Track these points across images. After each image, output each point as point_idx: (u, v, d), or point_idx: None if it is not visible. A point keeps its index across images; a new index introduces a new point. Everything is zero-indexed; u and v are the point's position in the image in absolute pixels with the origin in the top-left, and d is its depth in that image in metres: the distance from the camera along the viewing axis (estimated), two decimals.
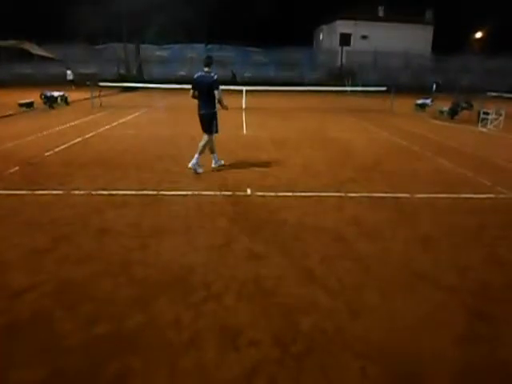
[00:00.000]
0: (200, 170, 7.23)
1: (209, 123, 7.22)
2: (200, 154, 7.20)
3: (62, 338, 2.86)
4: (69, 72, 28.93)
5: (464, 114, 16.25)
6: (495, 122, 14.01)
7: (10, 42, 35.18)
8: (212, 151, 7.55)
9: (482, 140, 11.95)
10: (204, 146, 7.27)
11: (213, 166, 7.59)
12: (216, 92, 6.99)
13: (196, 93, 7.18)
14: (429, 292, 3.56)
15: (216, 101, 7.12)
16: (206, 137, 7.28)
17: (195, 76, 7.16)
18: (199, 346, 2.80)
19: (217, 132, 7.44)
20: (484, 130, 13.78)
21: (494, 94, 21.56)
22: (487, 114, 14.34)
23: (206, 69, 7.05)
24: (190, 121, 14.53)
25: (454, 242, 4.65)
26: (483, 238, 4.77)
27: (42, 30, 34.87)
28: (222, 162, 7.75)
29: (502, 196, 6.39)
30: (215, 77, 6.98)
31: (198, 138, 10.67)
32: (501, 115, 14.05)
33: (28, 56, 36.40)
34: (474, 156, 9.42)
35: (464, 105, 16.60)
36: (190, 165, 7.11)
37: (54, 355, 2.70)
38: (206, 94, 7.07)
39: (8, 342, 2.83)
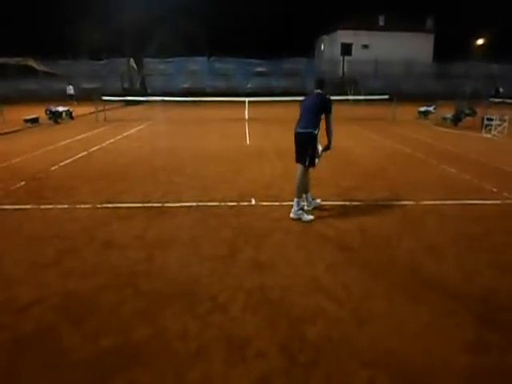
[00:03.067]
0: (308, 217, 5.49)
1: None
2: (298, 197, 5.59)
3: (69, 351, 2.85)
4: (70, 87, 29.10)
5: (467, 120, 16.23)
6: (499, 128, 13.97)
7: (15, 59, 35.75)
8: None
9: (487, 146, 11.92)
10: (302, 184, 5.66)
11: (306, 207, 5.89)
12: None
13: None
14: (436, 299, 3.53)
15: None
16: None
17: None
18: (206, 358, 2.78)
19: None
20: (488, 136, 13.75)
21: (497, 99, 21.53)
22: (491, 120, 14.31)
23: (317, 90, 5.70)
24: (192, 133, 14.63)
25: (461, 248, 4.62)
26: (490, 245, 4.73)
27: (46, 46, 35.35)
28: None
29: (508, 202, 6.35)
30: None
31: (200, 151, 10.76)
32: (505, 121, 14.01)
33: (33, 72, 36.94)
34: (478, 162, 9.39)
35: (467, 111, 16.57)
36: (292, 215, 5.55)
37: (60, 369, 2.69)
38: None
39: (14, 356, 2.82)
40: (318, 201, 6.10)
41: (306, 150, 5.50)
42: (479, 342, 2.96)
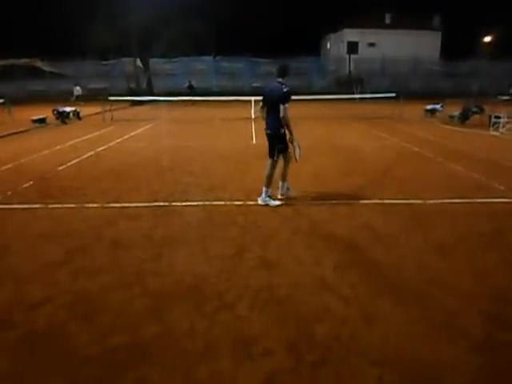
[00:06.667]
0: (274, 203, 6.07)
1: (272, 146, 6.06)
2: (266, 186, 6.07)
3: (79, 349, 2.88)
4: (77, 88, 29.32)
5: (475, 118, 16.11)
6: (507, 126, 13.84)
7: (23, 60, 36.08)
8: (282, 178, 6.29)
9: (494, 144, 11.82)
10: (268, 175, 6.06)
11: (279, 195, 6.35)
12: (281, 108, 5.67)
13: (264, 108, 6.09)
14: (445, 298, 3.51)
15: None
16: (269, 162, 6.11)
17: (267, 88, 6.04)
18: (214, 356, 2.79)
19: (284, 159, 6.17)
20: (496, 133, 13.62)
21: (504, 97, 21.33)
22: (498, 117, 14.17)
23: (278, 79, 5.81)
24: (198, 132, 14.67)
25: (469, 247, 4.59)
26: (499, 243, 4.70)
27: (54, 47, 35.64)
28: (291, 194, 6.40)
29: None
30: (285, 89, 5.66)
31: (206, 150, 10.78)
32: None
33: (40, 73, 37.23)
34: (486, 160, 9.32)
35: (475, 109, 16.44)
36: (259, 201, 6.11)
37: (70, 366, 2.72)
38: (272, 109, 5.85)
39: (25, 354, 2.86)
40: (292, 193, 6.45)
41: (274, 147, 6.03)
42: (489, 341, 2.94)
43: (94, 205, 6.12)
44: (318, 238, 4.83)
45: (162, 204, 6.14)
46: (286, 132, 5.93)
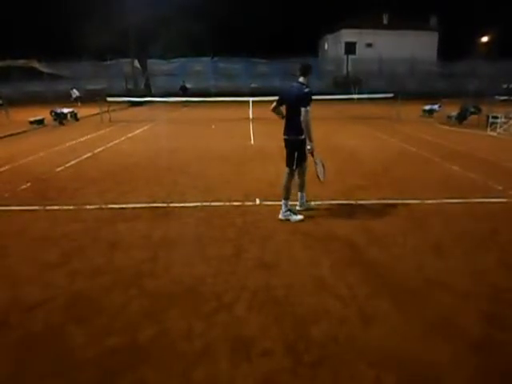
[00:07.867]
0: (295, 218, 5.46)
1: (289, 153, 5.44)
2: (285, 198, 5.46)
3: (76, 351, 2.88)
4: (74, 90, 29.42)
5: (472, 118, 16.14)
6: (505, 126, 13.86)
7: (20, 62, 36.03)
8: (299, 188, 5.76)
9: (492, 144, 11.84)
10: (285, 186, 5.47)
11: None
12: (303, 111, 5.09)
13: (278, 108, 5.62)
14: (443, 298, 3.52)
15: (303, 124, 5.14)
16: (285, 171, 5.54)
17: (285, 86, 5.57)
18: (212, 357, 2.79)
19: (298, 167, 5.49)
20: (493, 134, 13.65)
21: (502, 97, 21.34)
22: (496, 117, 14.20)
23: (300, 79, 5.28)
24: (196, 133, 14.67)
25: (467, 247, 4.60)
26: (497, 243, 4.71)
27: (51, 48, 35.55)
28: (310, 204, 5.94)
29: None
30: (306, 90, 5.13)
31: (204, 151, 10.78)
32: (510, 119, 13.89)
33: (38, 74, 37.16)
34: (484, 160, 9.33)
35: (472, 109, 16.46)
36: (280, 216, 5.48)
37: (67, 368, 2.72)
38: (291, 112, 5.31)
39: (22, 355, 2.85)
40: (312, 203, 5.99)
41: (293, 154, 5.39)
42: (487, 340, 2.95)
43: (92, 206, 6.11)
44: (315, 239, 4.83)
45: (159, 205, 6.14)
46: (307, 141, 5.25)
